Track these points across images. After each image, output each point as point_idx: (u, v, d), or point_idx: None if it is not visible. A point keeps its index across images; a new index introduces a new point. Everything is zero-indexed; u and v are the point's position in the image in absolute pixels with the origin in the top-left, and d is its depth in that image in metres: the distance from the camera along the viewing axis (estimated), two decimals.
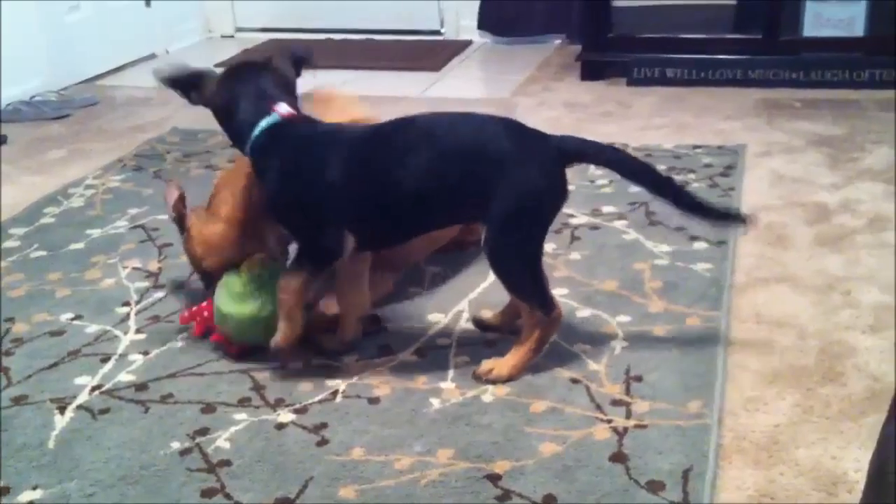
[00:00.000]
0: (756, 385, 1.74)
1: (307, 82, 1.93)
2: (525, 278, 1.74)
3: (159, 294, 2.17)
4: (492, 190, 1.66)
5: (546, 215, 1.73)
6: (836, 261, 2.19)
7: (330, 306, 1.94)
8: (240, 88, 1.80)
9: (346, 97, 2.31)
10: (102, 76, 4.17)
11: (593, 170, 2.78)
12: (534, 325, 1.76)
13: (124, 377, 1.84)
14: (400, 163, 1.70)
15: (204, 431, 1.66)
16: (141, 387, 1.81)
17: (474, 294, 2.09)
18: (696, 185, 2.63)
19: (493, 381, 1.75)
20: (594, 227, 2.41)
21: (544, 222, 1.73)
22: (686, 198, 1.78)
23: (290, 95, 1.84)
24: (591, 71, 3.81)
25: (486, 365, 1.77)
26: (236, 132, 1.80)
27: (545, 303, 1.75)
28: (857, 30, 3.55)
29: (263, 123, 1.76)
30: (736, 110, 3.33)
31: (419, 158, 1.69)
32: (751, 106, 3.37)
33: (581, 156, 1.77)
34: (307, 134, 1.78)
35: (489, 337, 1.92)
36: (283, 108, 1.77)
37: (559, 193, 1.73)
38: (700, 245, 2.27)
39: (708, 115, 3.30)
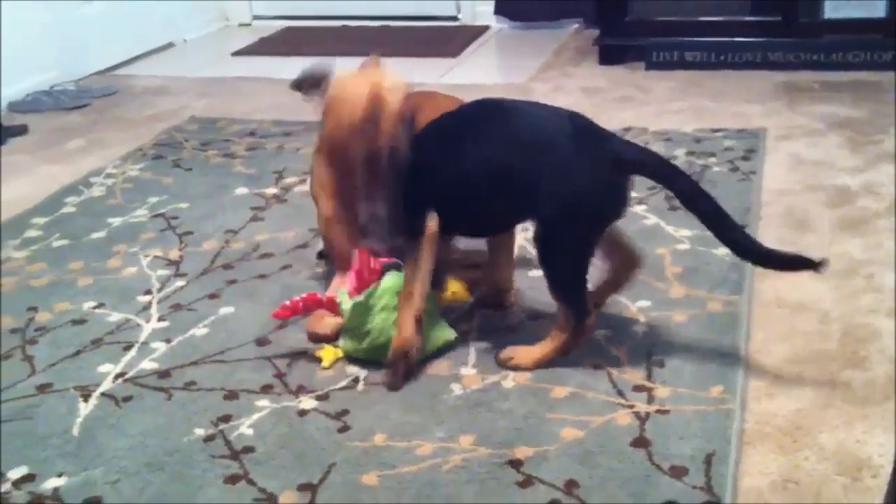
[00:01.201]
0: (778, 370, 1.73)
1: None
2: (564, 281, 1.71)
3: (180, 282, 2.17)
4: (544, 185, 1.64)
5: (594, 222, 1.68)
6: (858, 244, 2.18)
7: (316, 325, 1.89)
8: None
9: (447, 98, 2.12)
10: (120, 66, 4.18)
11: None
12: (563, 328, 1.74)
13: (147, 365, 1.85)
14: (464, 147, 1.70)
15: (227, 418, 1.67)
16: (164, 374, 1.82)
17: None
18: (717, 169, 2.62)
19: (513, 369, 1.75)
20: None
21: (592, 228, 1.69)
22: (746, 243, 1.69)
23: None
24: (609, 55, 3.79)
25: (508, 351, 1.77)
26: None
27: (580, 311, 1.72)
28: (879, 11, 3.51)
29: None
30: (756, 94, 3.30)
31: (484, 144, 1.68)
32: (771, 89, 3.34)
33: (640, 167, 1.70)
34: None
35: (509, 322, 1.92)
36: None
37: (612, 201, 1.68)
38: None
39: (727, 98, 3.28)
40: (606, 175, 1.66)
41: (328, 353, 1.82)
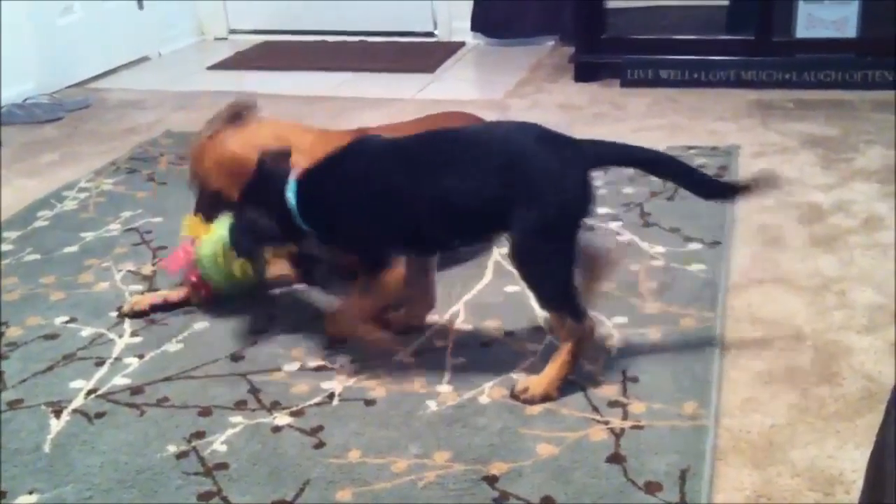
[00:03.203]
0: (752, 386, 1.74)
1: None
2: (556, 291, 1.70)
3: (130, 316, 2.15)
4: (517, 199, 1.63)
5: (572, 224, 1.68)
6: (831, 261, 2.20)
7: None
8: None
9: (288, 126, 2.19)
10: (95, 79, 4.17)
11: None
12: (566, 337, 1.71)
13: (120, 380, 1.84)
14: (425, 176, 1.71)
15: (200, 435, 1.66)
16: (136, 390, 1.80)
17: (469, 296, 2.09)
18: None
19: (529, 402, 1.69)
20: (588, 229, 2.40)
21: (571, 231, 1.68)
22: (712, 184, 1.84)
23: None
24: (585, 72, 3.82)
25: (521, 384, 1.73)
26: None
27: (577, 311, 1.70)
28: (850, 31, 3.56)
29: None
30: (729, 111, 3.34)
31: (443, 173, 1.68)
32: (744, 107, 3.38)
33: (612, 159, 1.80)
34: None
35: (484, 338, 1.92)
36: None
37: (585, 201, 1.69)
38: (695, 246, 2.27)
39: (701, 116, 3.31)
40: (577, 174, 1.67)
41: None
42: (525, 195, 1.63)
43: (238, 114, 2.10)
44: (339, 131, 2.17)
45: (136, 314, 2.07)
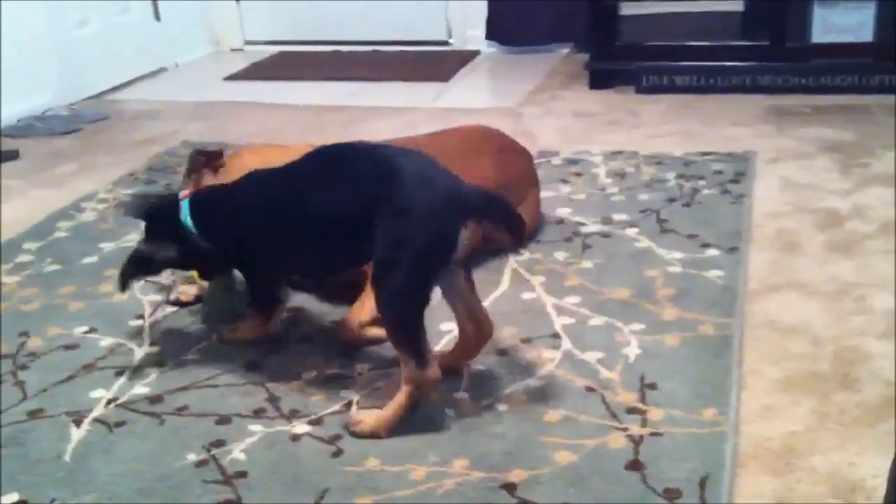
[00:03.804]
0: (771, 392, 1.73)
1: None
2: (399, 325, 1.63)
3: (172, 307, 2.17)
4: (381, 213, 1.60)
5: (425, 266, 1.60)
6: (848, 266, 2.19)
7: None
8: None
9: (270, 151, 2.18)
10: (112, 91, 4.20)
11: (603, 178, 2.79)
12: (406, 380, 1.64)
13: (139, 390, 1.85)
14: (300, 190, 1.73)
15: (219, 443, 1.66)
16: (156, 399, 1.81)
17: (486, 303, 2.08)
18: (707, 192, 2.63)
19: (357, 435, 1.65)
20: (605, 235, 2.41)
21: (423, 272, 1.60)
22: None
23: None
24: (599, 79, 3.82)
25: (355, 416, 1.69)
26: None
27: (418, 359, 1.62)
28: (866, 35, 3.55)
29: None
30: (745, 117, 3.33)
31: (316, 185, 1.71)
32: (760, 113, 3.37)
33: (482, 213, 1.63)
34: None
35: (501, 346, 1.92)
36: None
37: (445, 241, 1.60)
38: (712, 252, 2.27)
39: (717, 122, 3.30)
40: (439, 218, 1.59)
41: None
42: (389, 210, 1.59)
43: (208, 160, 2.14)
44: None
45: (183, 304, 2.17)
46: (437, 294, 1.67)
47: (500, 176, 2.28)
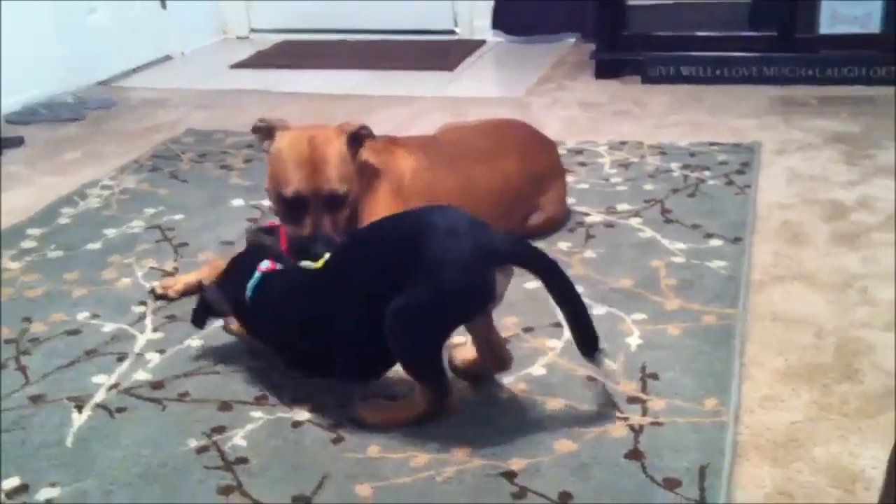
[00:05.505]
0: (773, 382, 1.73)
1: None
2: (420, 366, 1.61)
3: (162, 301, 2.17)
4: (399, 284, 1.55)
5: (447, 314, 1.58)
6: (853, 258, 2.18)
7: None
8: None
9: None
10: (118, 78, 4.20)
11: (608, 168, 2.78)
12: (423, 402, 1.64)
13: (141, 376, 1.85)
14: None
15: (221, 429, 1.67)
16: (157, 385, 1.82)
17: None
18: (712, 183, 2.62)
19: (357, 422, 1.66)
20: (609, 225, 2.41)
21: (445, 320, 1.58)
22: (592, 344, 1.64)
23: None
24: (606, 69, 3.81)
25: (363, 407, 1.69)
26: None
27: (440, 391, 1.62)
28: (874, 26, 3.54)
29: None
30: (752, 108, 3.32)
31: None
32: (766, 103, 3.36)
33: (513, 258, 1.61)
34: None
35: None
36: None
37: (469, 295, 1.56)
38: (716, 242, 2.26)
39: (723, 112, 3.29)
40: (471, 269, 1.54)
41: None
42: (405, 282, 1.55)
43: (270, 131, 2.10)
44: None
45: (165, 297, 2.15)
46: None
47: (526, 168, 2.29)
